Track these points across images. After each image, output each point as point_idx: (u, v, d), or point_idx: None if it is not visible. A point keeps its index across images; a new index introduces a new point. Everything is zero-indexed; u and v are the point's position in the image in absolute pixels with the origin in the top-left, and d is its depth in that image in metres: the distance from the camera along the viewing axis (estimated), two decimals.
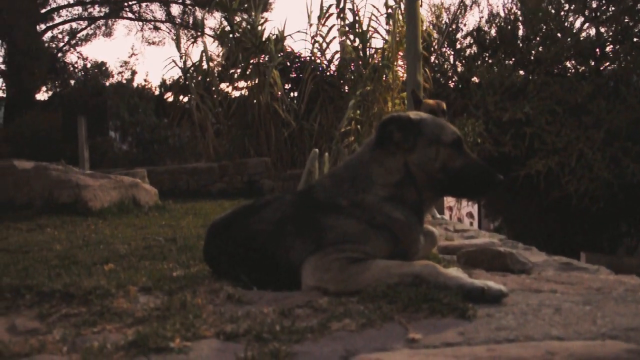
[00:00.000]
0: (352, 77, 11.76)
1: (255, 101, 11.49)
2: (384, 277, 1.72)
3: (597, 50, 14.04)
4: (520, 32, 14.55)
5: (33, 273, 2.74)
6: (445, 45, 14.88)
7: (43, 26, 18.45)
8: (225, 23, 12.86)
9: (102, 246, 3.73)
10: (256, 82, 11.59)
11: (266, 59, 11.81)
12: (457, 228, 4.35)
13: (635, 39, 13.51)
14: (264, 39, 11.81)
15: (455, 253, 2.58)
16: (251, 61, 11.89)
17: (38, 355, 1.43)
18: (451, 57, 15.26)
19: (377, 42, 12.08)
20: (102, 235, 4.30)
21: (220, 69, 13.16)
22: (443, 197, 2.73)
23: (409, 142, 1.96)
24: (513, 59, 14.16)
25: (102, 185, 5.49)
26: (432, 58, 14.28)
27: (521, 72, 13.74)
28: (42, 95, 17.38)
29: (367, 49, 11.93)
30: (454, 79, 14.92)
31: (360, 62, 11.70)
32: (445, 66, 15.13)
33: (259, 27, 12.14)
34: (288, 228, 2.01)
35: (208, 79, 12.50)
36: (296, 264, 1.89)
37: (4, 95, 16.67)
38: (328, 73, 12.32)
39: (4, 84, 16.84)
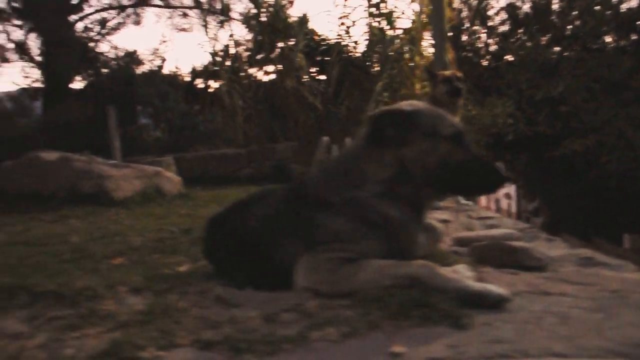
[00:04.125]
0: (379, 59, 11.53)
1: (282, 85, 11.40)
2: (378, 278, 1.61)
3: (638, 22, 13.39)
4: (555, 7, 13.97)
5: (39, 269, 2.74)
6: (477, 23, 14.43)
7: (75, 17, 18.67)
8: (252, 7, 12.76)
9: (118, 238, 3.72)
10: (282, 66, 11.48)
11: (292, 42, 11.68)
12: (481, 215, 4.18)
13: None
14: (289, 22, 11.66)
15: (470, 245, 2.44)
16: (277, 45, 11.78)
17: None
18: (483, 35, 14.80)
19: (403, 23, 11.75)
20: (121, 226, 4.29)
21: (249, 53, 13.12)
22: (444, 194, 2.56)
23: (403, 136, 1.82)
24: (547, 35, 13.63)
25: (125, 175, 5.50)
26: (464, 37, 13.89)
27: (556, 48, 13.24)
28: (76, 85, 17.65)
29: (393, 30, 11.66)
30: (486, 58, 14.48)
31: (386, 44, 11.45)
32: (477, 44, 14.69)
33: (284, 10, 12.00)
34: (278, 225, 1.92)
35: (237, 64, 12.46)
36: (288, 263, 1.79)
37: (42, 86, 16.97)
38: (355, 55, 12.11)
39: (41, 76, 17.12)
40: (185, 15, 21.51)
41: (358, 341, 1.28)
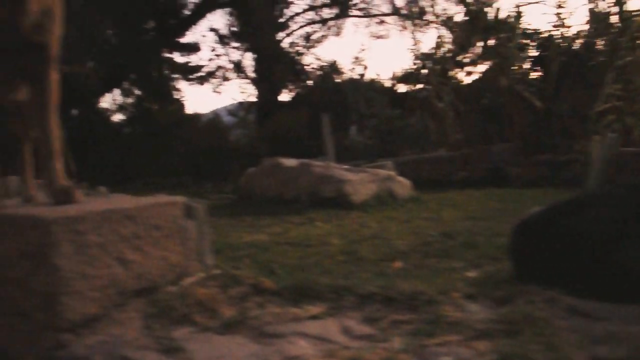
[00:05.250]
0: (607, 49, 10.39)
1: (495, 84, 10.89)
2: None
3: None
4: None
5: (326, 270, 2.82)
6: None
7: (282, 34, 20.06)
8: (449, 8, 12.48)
9: (378, 241, 3.76)
10: (495, 64, 10.97)
11: (503, 38, 11.09)
12: None
13: None
14: (501, 18, 11.11)
15: None
16: (487, 43, 11.30)
17: None
18: None
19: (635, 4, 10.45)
20: (372, 229, 4.36)
21: (450, 55, 12.84)
22: None
23: None
24: None
25: (361, 179, 5.63)
26: None
27: None
28: (285, 97, 18.96)
29: (623, 13, 10.42)
30: None
31: (615, 30, 10.28)
32: None
33: (492, 6, 11.48)
34: (631, 230, 1.68)
35: (440, 67, 12.26)
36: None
37: (256, 100, 18.57)
38: (575, 47, 11.09)
39: (255, 90, 18.74)
40: (382, 22, 21.90)
41: None
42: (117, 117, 18.00)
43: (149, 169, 13.53)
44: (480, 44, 11.76)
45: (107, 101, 17.84)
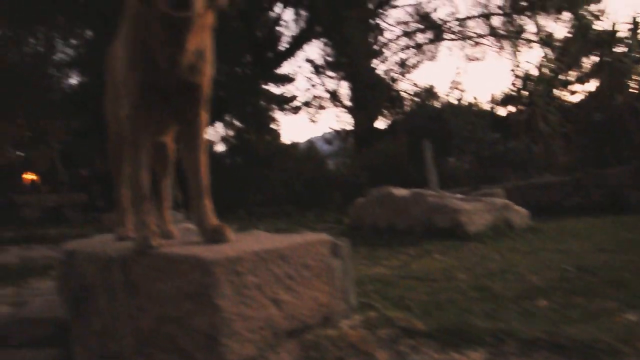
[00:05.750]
0: None
1: (609, 102, 10.26)
2: None
3: None
4: None
5: (464, 309, 2.67)
6: None
7: (377, 61, 20.17)
8: (550, 25, 11.95)
9: (508, 275, 3.55)
10: (608, 80, 10.35)
11: (617, 52, 10.47)
12: None
13: None
14: (614, 31, 10.52)
15: None
16: (600, 58, 10.72)
17: None
18: None
19: None
20: (497, 263, 4.15)
21: (555, 73, 12.31)
22: None
23: None
24: None
25: (475, 208, 5.42)
26: None
27: None
28: (381, 124, 18.96)
29: None
30: None
31: None
32: None
33: (604, 19, 10.92)
34: None
35: (544, 87, 11.76)
36: None
37: (352, 128, 18.72)
38: None
39: (351, 118, 18.92)
40: (476, 44, 21.47)
41: None
42: (220, 148, 18.77)
43: (251, 197, 13.92)
44: (590, 60, 11.20)
45: (210, 133, 18.71)
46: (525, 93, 12.29)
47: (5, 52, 16.34)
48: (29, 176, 20.84)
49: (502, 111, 15.54)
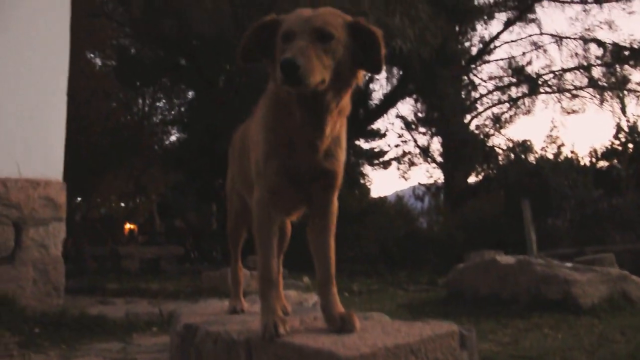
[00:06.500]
0: None
1: None
2: None
3: None
4: None
5: None
6: None
7: (469, 116, 19.95)
8: None
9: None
10: None
11: None
12: None
13: None
14: None
15: None
16: None
17: None
18: None
19: None
20: (621, 344, 3.86)
21: None
22: None
23: None
24: None
25: (589, 279, 5.12)
26: None
27: None
28: (474, 179, 18.55)
29: None
30: None
31: None
32: None
33: None
34: None
35: None
36: None
37: (443, 182, 18.46)
38: None
39: (442, 174, 18.68)
40: (574, 96, 20.73)
41: None
42: None
43: (343, 255, 13.92)
44: None
45: None
46: (631, 146, 11.65)
47: (118, 112, 17.73)
48: (127, 226, 22.10)
49: (603, 165, 14.80)
